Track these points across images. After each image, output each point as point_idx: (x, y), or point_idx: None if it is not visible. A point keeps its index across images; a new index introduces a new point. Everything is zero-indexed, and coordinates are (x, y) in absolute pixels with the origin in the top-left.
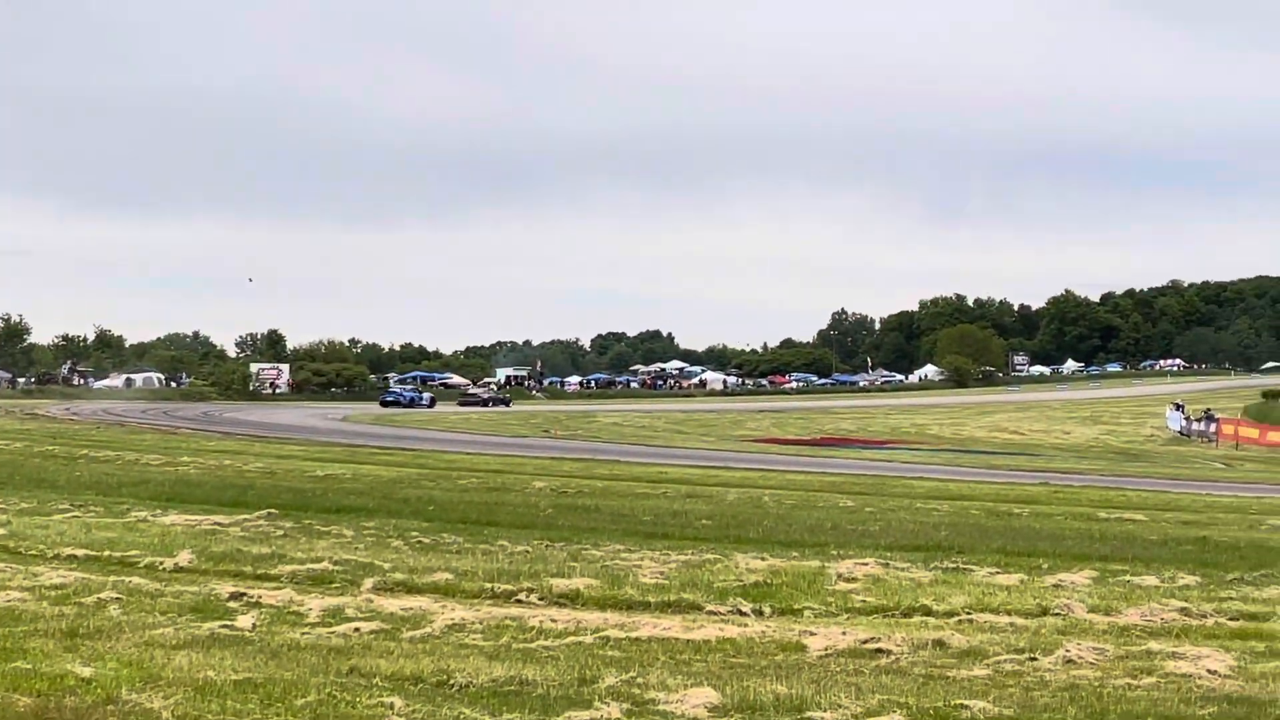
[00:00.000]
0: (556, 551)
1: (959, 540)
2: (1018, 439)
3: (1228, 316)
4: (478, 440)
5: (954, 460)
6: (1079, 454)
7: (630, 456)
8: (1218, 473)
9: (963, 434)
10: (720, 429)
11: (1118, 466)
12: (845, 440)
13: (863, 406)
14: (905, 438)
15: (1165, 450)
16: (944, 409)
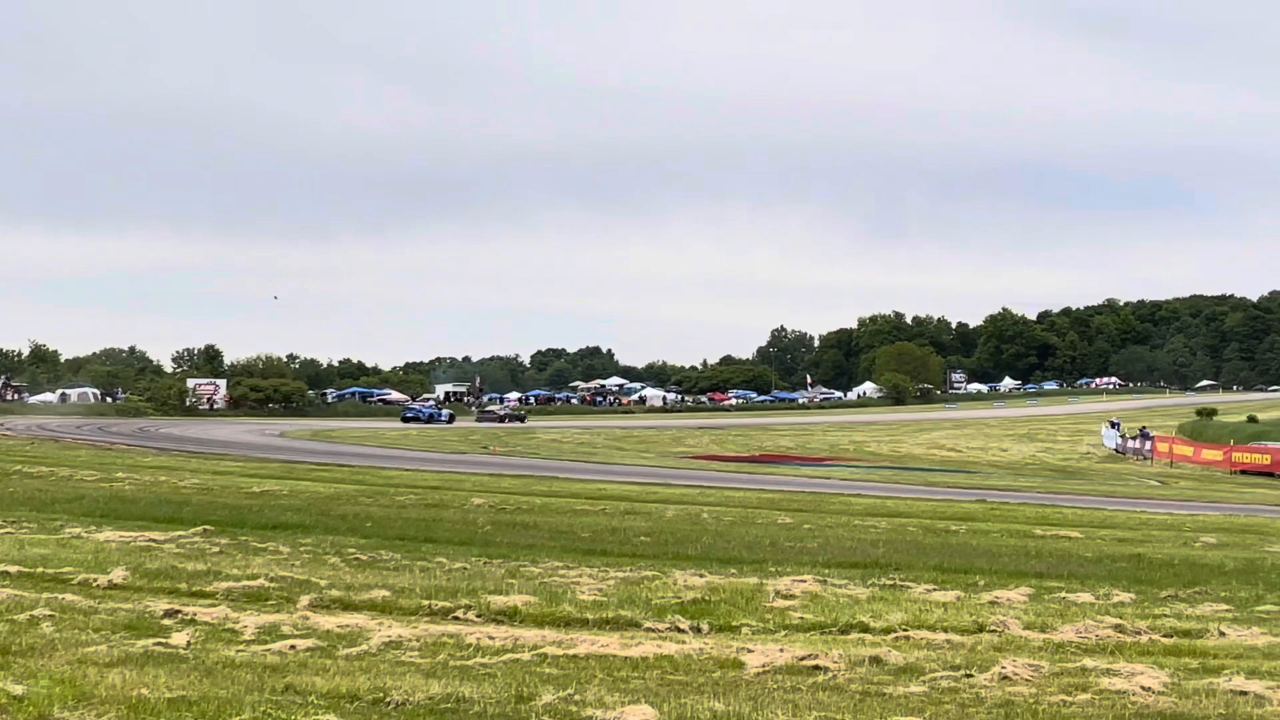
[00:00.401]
0: (494, 568)
1: (896, 557)
2: (955, 456)
3: (1163, 335)
4: (416, 457)
5: (892, 477)
6: (1016, 471)
7: (569, 473)
8: (1152, 490)
9: (901, 451)
10: (660, 446)
11: (1054, 484)
12: (784, 457)
13: (802, 424)
14: (844, 455)
15: (1101, 468)
16: (882, 426)
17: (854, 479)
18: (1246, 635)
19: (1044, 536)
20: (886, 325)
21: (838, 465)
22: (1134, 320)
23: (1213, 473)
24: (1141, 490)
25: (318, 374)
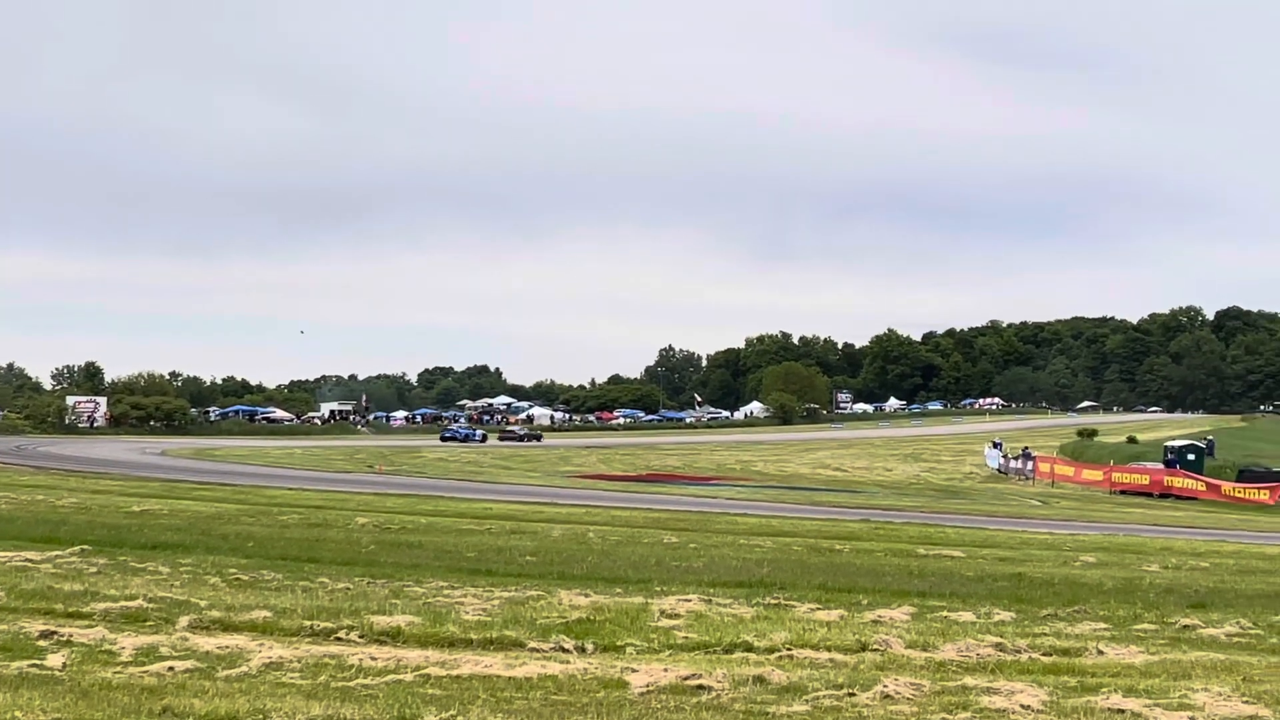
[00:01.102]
0: (378, 589)
1: (781, 576)
2: (840, 476)
3: (1045, 356)
4: (301, 476)
5: (778, 497)
6: (900, 491)
7: (455, 492)
8: (1034, 510)
9: (787, 471)
10: (547, 465)
11: (937, 503)
12: (671, 476)
13: (689, 443)
14: (730, 474)
15: (984, 488)
16: (769, 446)
17: (740, 498)
18: (1124, 653)
19: (927, 556)
20: (774, 345)
21: (724, 485)
22: (1017, 342)
23: (1093, 493)
24: (1023, 510)
25: (200, 392)
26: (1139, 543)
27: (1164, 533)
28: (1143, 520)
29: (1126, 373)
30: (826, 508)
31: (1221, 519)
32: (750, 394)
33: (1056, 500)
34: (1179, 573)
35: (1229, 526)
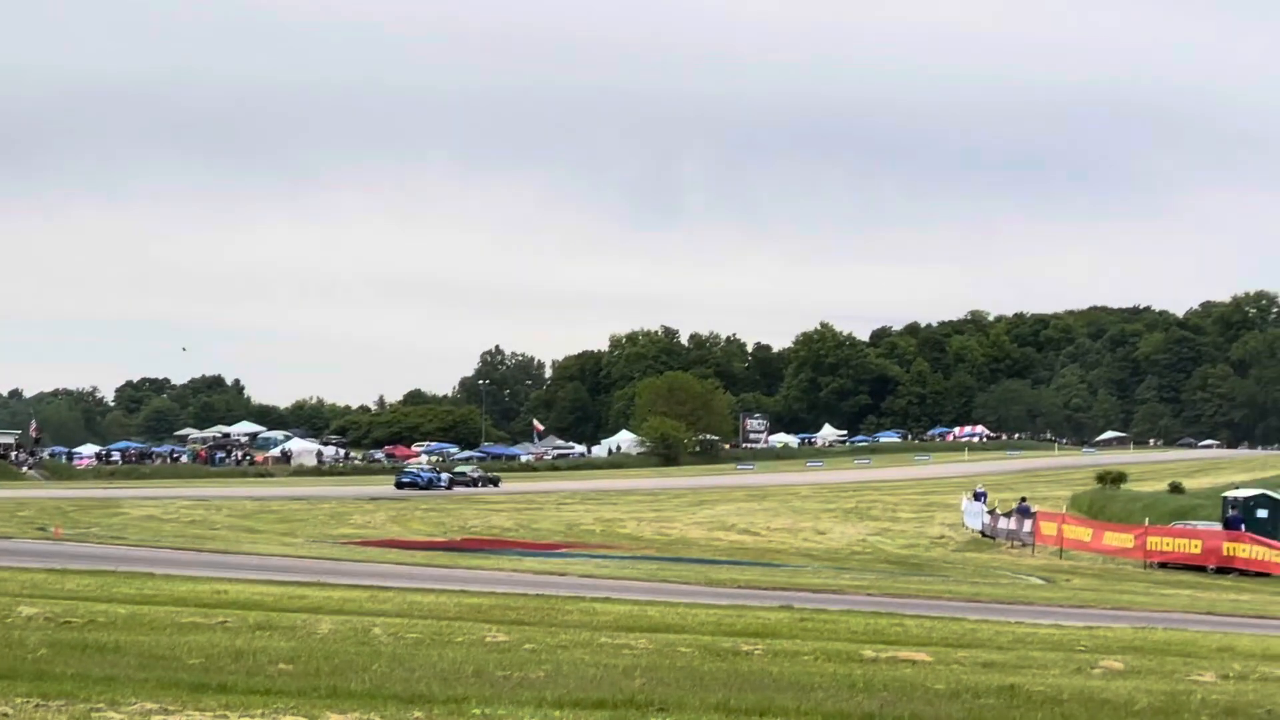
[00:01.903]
0: (53, 713)
1: (662, 692)
2: (751, 541)
3: (1050, 365)
4: None
5: (657, 573)
6: (838, 563)
7: (172, 568)
8: (1034, 591)
9: (671, 534)
10: (312, 525)
11: (893, 582)
12: (499, 543)
13: (526, 492)
14: (587, 539)
15: (961, 558)
16: (645, 496)
17: (602, 575)
18: None
19: (878, 661)
20: (652, 347)
21: (578, 555)
22: (1009, 344)
23: (1120, 565)
24: (1018, 591)
25: None
26: (1186, 640)
27: (1223, 625)
28: (1191, 607)
29: (1169, 389)
30: (730, 589)
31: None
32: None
33: (1066, 577)
34: (1245, 685)
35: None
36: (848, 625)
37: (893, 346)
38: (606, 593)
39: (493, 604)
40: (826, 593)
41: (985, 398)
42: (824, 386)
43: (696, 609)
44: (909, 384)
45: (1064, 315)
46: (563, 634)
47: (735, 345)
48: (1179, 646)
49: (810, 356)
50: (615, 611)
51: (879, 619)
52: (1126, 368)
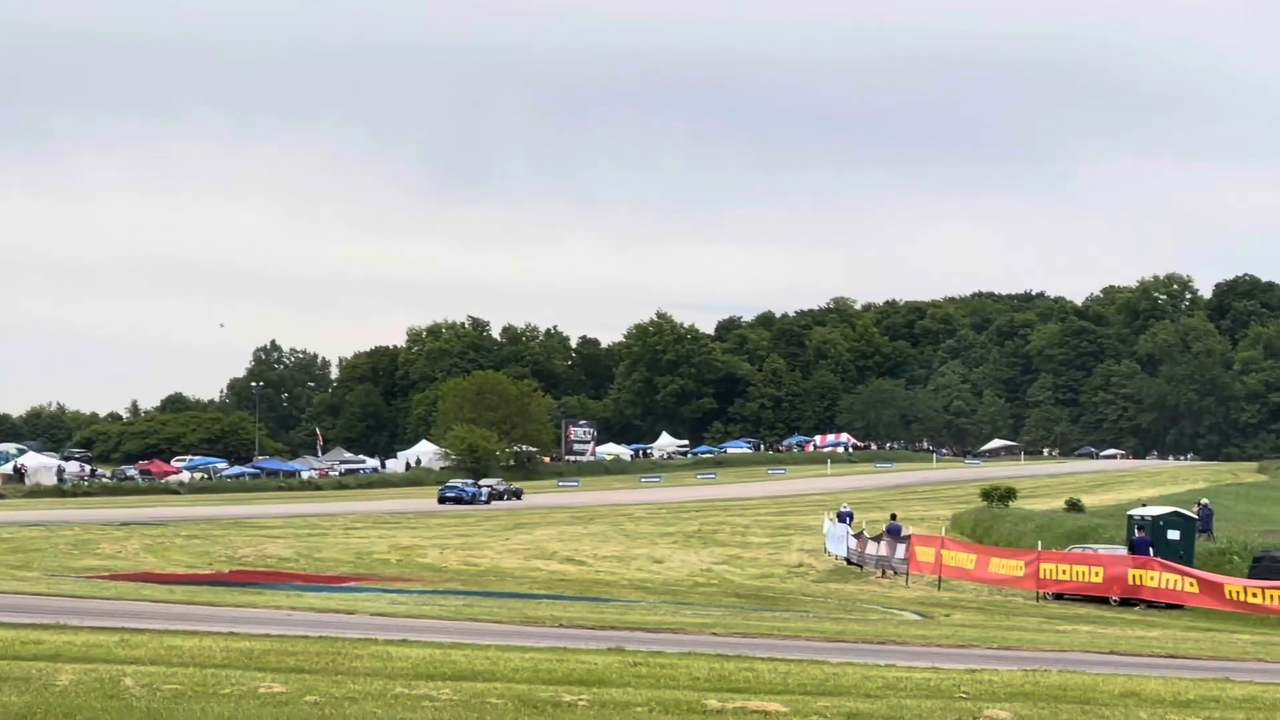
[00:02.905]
0: None
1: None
2: (575, 572)
3: (927, 362)
4: None
5: (464, 610)
6: (678, 597)
7: None
8: (908, 629)
9: (480, 564)
10: (51, 556)
11: (743, 620)
12: (275, 575)
13: (309, 515)
14: (380, 571)
15: (823, 589)
16: (449, 519)
17: (398, 613)
18: None
19: (724, 712)
20: (458, 342)
21: (369, 589)
22: (879, 336)
23: (1009, 597)
24: (889, 629)
25: None
26: (1085, 685)
27: (1128, 666)
28: (1091, 645)
29: (1065, 390)
30: (550, 629)
31: (1225, 641)
32: (417, 428)
33: (946, 611)
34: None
35: (1237, 655)
36: (689, 670)
37: (742, 340)
38: (403, 634)
39: (267, 648)
40: (664, 632)
41: (851, 400)
42: (661, 388)
43: (510, 653)
44: (762, 385)
45: (943, 303)
46: (350, 683)
47: (557, 340)
48: (1076, 692)
49: (645, 353)
50: (414, 656)
51: (726, 663)
52: (1016, 365)
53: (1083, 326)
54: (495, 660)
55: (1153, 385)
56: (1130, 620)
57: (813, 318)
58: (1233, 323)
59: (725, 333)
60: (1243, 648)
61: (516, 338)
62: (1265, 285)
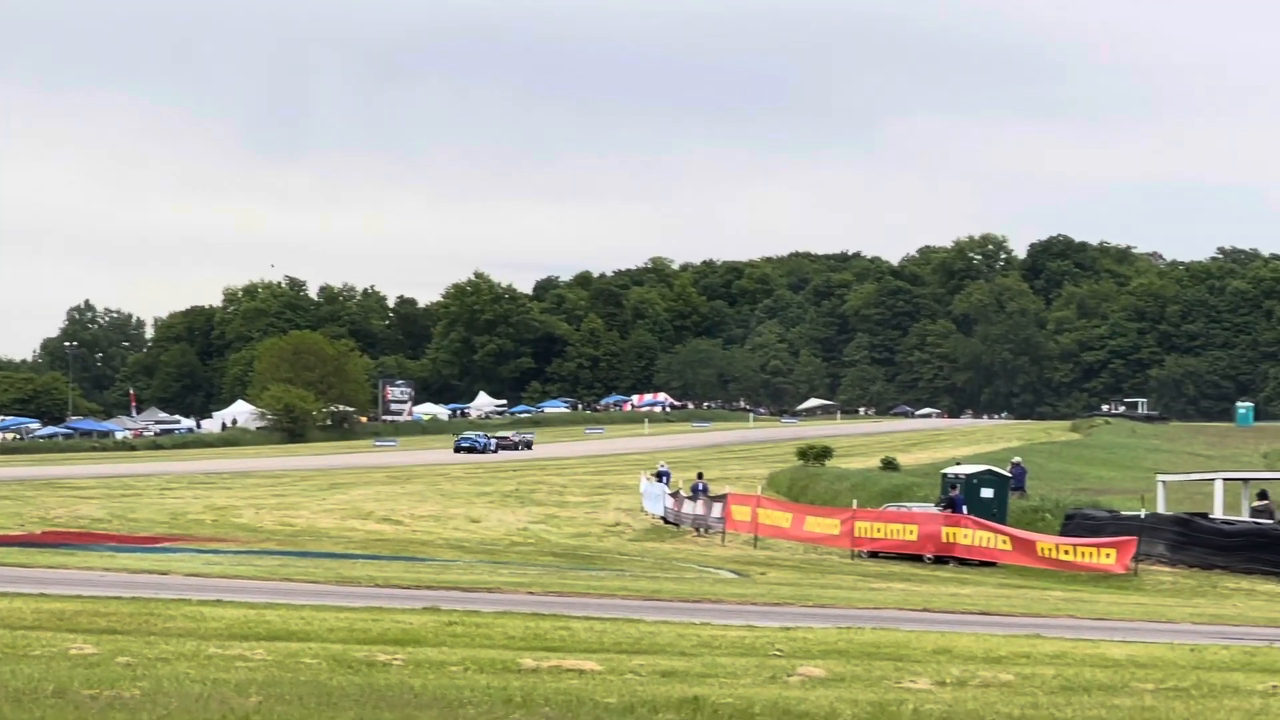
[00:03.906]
0: None
1: (282, 711)
2: (392, 532)
3: (744, 321)
4: None
5: (279, 570)
6: (495, 557)
7: None
8: (724, 587)
9: (297, 524)
10: None
11: (559, 579)
12: (88, 536)
13: (123, 475)
14: (195, 531)
15: (639, 548)
16: (266, 479)
17: (212, 574)
18: None
19: (539, 670)
20: (274, 302)
21: (184, 550)
22: (696, 296)
23: (824, 555)
24: (705, 587)
25: None
26: (898, 642)
27: (941, 623)
28: (905, 603)
29: (881, 349)
30: (366, 589)
31: (1037, 598)
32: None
33: (762, 570)
34: (963, 692)
35: (1048, 611)
36: (504, 629)
37: (560, 300)
38: (217, 594)
39: (78, 609)
40: (480, 591)
41: (669, 360)
42: (479, 348)
43: (325, 613)
44: (580, 344)
45: (761, 263)
46: (163, 644)
47: (374, 299)
48: (890, 649)
49: (463, 312)
50: (227, 617)
51: (541, 622)
52: (833, 324)
53: (899, 286)
54: (310, 620)
55: (968, 345)
56: (944, 578)
57: (630, 277)
58: (1046, 283)
59: (543, 292)
60: (1054, 604)
61: (333, 297)
62: (1078, 245)
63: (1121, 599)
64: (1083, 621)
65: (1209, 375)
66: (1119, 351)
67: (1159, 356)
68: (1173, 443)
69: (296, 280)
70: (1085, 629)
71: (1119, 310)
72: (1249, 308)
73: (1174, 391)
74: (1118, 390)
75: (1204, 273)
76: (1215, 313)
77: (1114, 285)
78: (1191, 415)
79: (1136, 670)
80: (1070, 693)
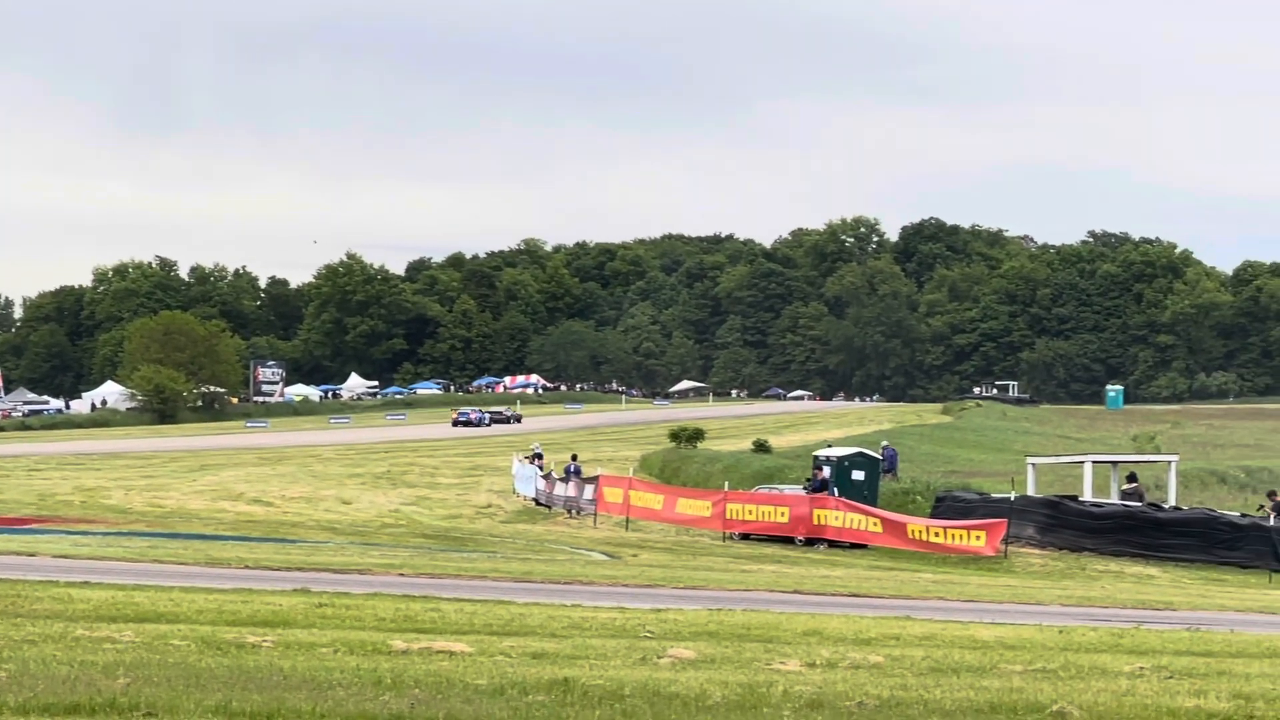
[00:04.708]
0: None
1: (150, 693)
2: (263, 513)
3: (617, 302)
4: None
5: (148, 552)
6: (366, 538)
7: None
8: (595, 569)
9: (166, 505)
10: None
11: (430, 560)
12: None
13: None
14: (63, 512)
15: (511, 530)
16: (135, 460)
17: (80, 555)
18: None
19: (409, 652)
20: (145, 282)
21: (51, 531)
22: (569, 277)
23: (696, 537)
24: (576, 569)
25: None
26: (768, 624)
27: (811, 605)
28: (776, 585)
29: (754, 331)
30: (236, 570)
31: (907, 580)
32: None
33: (634, 551)
34: (833, 674)
35: (918, 593)
36: (375, 611)
37: (433, 281)
38: (85, 576)
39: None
40: (351, 573)
41: (541, 342)
42: (351, 329)
43: (194, 594)
44: (452, 326)
45: (634, 245)
46: (30, 626)
47: (246, 280)
48: (760, 631)
49: (335, 293)
50: (95, 598)
51: (412, 603)
52: (706, 307)
53: (771, 269)
54: (179, 602)
55: (840, 327)
56: (815, 560)
57: (503, 259)
58: (918, 266)
59: (416, 273)
60: (924, 586)
61: (205, 278)
62: (950, 229)
63: (991, 581)
64: (952, 603)
65: (1079, 358)
66: (990, 334)
67: (1030, 340)
68: (1043, 425)
69: (167, 260)
70: (955, 611)
71: (990, 293)
72: (1119, 291)
73: (1044, 374)
74: (989, 373)
75: (1074, 256)
76: (1086, 296)
77: (985, 268)
78: (1062, 398)
79: (1005, 652)
80: (939, 674)
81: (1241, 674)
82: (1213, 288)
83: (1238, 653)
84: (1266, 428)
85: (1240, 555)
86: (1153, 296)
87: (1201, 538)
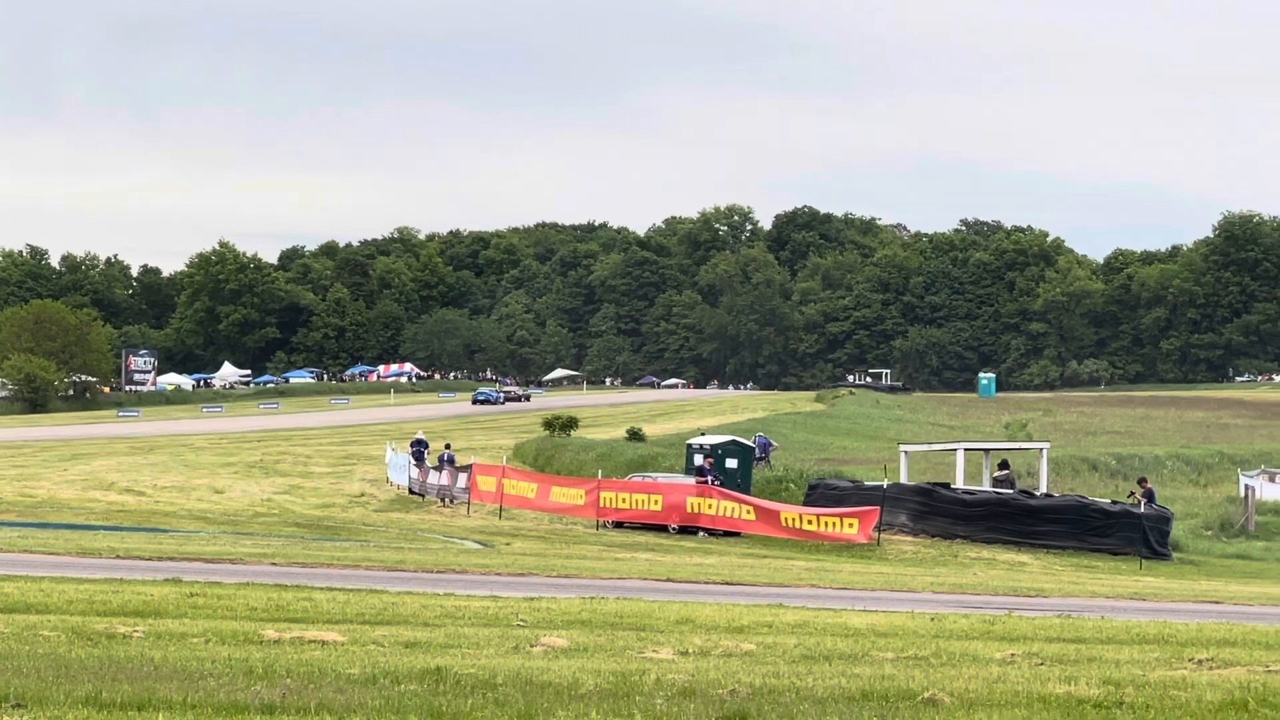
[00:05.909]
0: None
1: (19, 684)
2: (135, 503)
3: (491, 291)
4: None
5: (18, 542)
6: (238, 528)
7: None
8: (468, 558)
9: (37, 495)
10: None
11: (303, 549)
12: None
13: None
14: None
15: (385, 519)
16: (5, 450)
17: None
18: None
19: (281, 642)
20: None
21: None
22: (443, 266)
23: (570, 526)
24: (449, 558)
25: None
26: (641, 612)
27: (684, 593)
28: (649, 573)
29: (628, 320)
30: (107, 560)
31: (780, 567)
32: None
33: (507, 540)
34: (705, 662)
35: (791, 581)
36: (246, 601)
37: (306, 270)
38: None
39: None
40: (223, 563)
41: (415, 330)
42: (224, 318)
43: (64, 584)
44: (325, 314)
45: (507, 233)
46: None
47: (118, 268)
48: (633, 619)
49: (207, 282)
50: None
51: (284, 593)
52: (579, 295)
53: (645, 257)
54: (49, 592)
55: (713, 315)
56: (689, 548)
57: (377, 247)
58: (792, 254)
59: (289, 262)
60: (797, 574)
61: (76, 266)
62: (823, 217)
63: (864, 568)
64: (825, 591)
65: (952, 346)
66: (863, 322)
67: (903, 328)
68: (916, 413)
69: (38, 249)
70: (828, 598)
71: (863, 281)
72: (991, 279)
73: (917, 362)
74: (862, 361)
75: (947, 244)
76: (958, 284)
77: (858, 256)
78: (934, 386)
79: (877, 639)
80: (811, 662)
81: (1111, 660)
82: (1084, 276)
83: (1108, 639)
84: (1137, 415)
85: (1111, 542)
86: (1024, 285)
87: (1073, 525)
